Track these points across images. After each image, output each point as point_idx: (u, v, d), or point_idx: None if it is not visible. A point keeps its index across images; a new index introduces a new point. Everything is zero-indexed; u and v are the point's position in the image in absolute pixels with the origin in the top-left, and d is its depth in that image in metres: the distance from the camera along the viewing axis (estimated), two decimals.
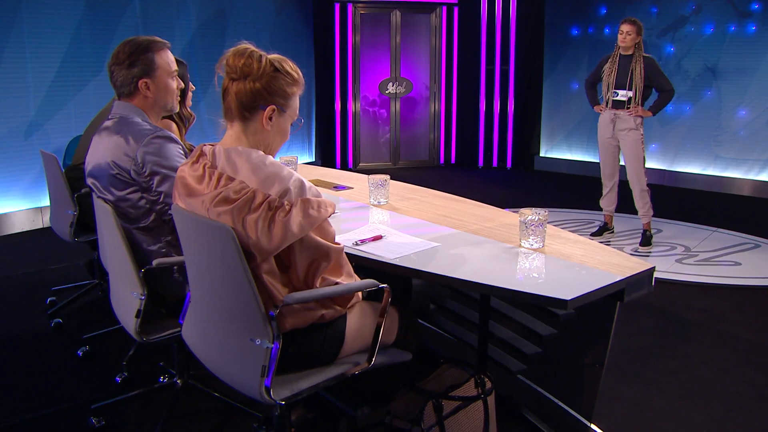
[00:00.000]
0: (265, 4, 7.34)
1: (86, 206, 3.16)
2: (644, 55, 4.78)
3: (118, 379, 2.83)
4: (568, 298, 1.76)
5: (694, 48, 6.97)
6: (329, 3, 7.91)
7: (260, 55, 1.76)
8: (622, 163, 5.07)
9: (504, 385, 2.60)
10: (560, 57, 8.26)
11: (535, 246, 2.19)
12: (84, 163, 2.41)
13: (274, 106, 1.78)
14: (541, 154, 8.61)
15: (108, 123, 2.29)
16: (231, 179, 1.70)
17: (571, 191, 7.33)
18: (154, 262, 2.11)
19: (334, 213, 1.76)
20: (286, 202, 1.65)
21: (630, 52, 4.77)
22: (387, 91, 8.38)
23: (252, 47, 1.78)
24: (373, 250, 2.14)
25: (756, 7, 6.65)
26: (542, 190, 7.41)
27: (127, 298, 2.19)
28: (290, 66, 1.84)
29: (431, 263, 2.04)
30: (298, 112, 1.87)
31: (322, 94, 8.14)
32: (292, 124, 1.86)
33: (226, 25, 6.91)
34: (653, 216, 5.07)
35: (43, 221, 5.69)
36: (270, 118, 1.78)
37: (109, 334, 3.24)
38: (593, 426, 2.38)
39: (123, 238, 2.11)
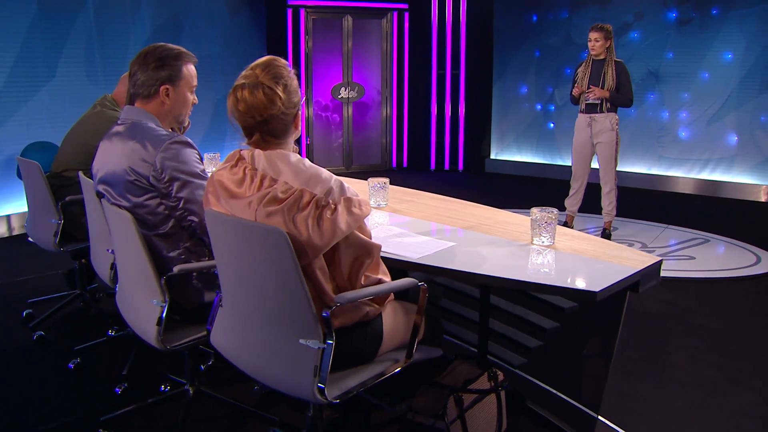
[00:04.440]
0: (218, 8, 7.27)
1: (70, 215, 3.09)
2: (616, 59, 4.98)
3: (118, 390, 2.76)
4: (597, 289, 1.85)
5: (637, 53, 7.31)
6: (282, 8, 7.89)
7: (265, 85, 1.75)
8: (593, 166, 5.25)
9: (509, 380, 2.68)
10: (509, 61, 8.50)
11: (547, 243, 2.28)
12: (91, 169, 2.36)
13: (297, 113, 1.85)
14: (492, 157, 8.83)
15: (119, 128, 2.26)
16: (274, 180, 1.72)
17: (522, 192, 7.55)
18: (176, 269, 2.08)
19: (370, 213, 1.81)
20: (331, 201, 1.70)
21: (602, 57, 4.96)
22: (339, 96, 8.42)
23: (250, 79, 1.76)
24: (394, 250, 2.18)
25: (693, 14, 7.04)
26: (494, 192, 7.60)
27: (145, 306, 2.16)
28: (285, 73, 1.82)
29: (454, 261, 2.10)
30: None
31: None
32: None
33: (181, 30, 6.80)
34: (615, 215, 5.29)
35: None
36: (299, 121, 1.86)
37: (98, 346, 3.17)
38: (600, 418, 2.48)
39: (143, 245, 2.08)
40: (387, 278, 1.86)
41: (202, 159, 2.24)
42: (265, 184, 1.73)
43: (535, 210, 2.30)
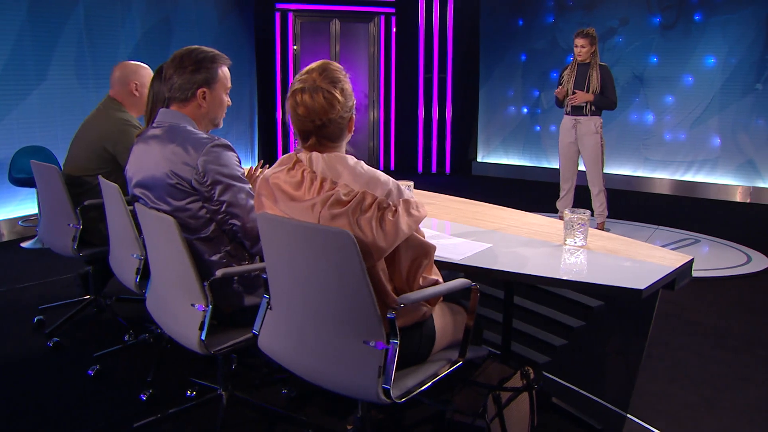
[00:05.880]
0: (208, 12, 7.24)
1: (86, 219, 3.05)
2: (600, 63, 5.09)
3: (143, 397, 2.73)
4: (643, 287, 1.90)
5: (622, 57, 7.45)
6: (270, 12, 7.88)
7: (324, 89, 1.78)
8: (581, 167, 5.34)
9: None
10: (496, 65, 8.60)
11: (580, 243, 2.33)
12: (125, 173, 2.35)
13: (352, 116, 1.87)
14: (478, 160, 8.91)
15: (155, 131, 2.24)
16: (334, 183, 1.74)
17: (510, 195, 7.63)
18: (219, 272, 2.08)
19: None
20: (391, 203, 1.71)
21: (588, 61, 5.06)
22: None
23: (308, 83, 1.78)
24: (437, 252, 2.21)
25: (677, 20, 7.21)
26: (482, 195, 7.61)
27: (185, 311, 2.15)
28: (342, 77, 1.86)
29: (497, 262, 2.14)
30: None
31: (264, 102, 8.09)
32: None
33: (171, 33, 6.75)
34: (607, 217, 5.39)
35: None
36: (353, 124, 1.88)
37: (115, 352, 3.13)
38: (629, 416, 2.53)
39: (186, 249, 2.07)
40: (440, 279, 1.89)
41: (240, 162, 2.24)
42: (325, 186, 1.74)
43: (567, 212, 2.35)
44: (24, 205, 5.63)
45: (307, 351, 1.84)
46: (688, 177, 7.38)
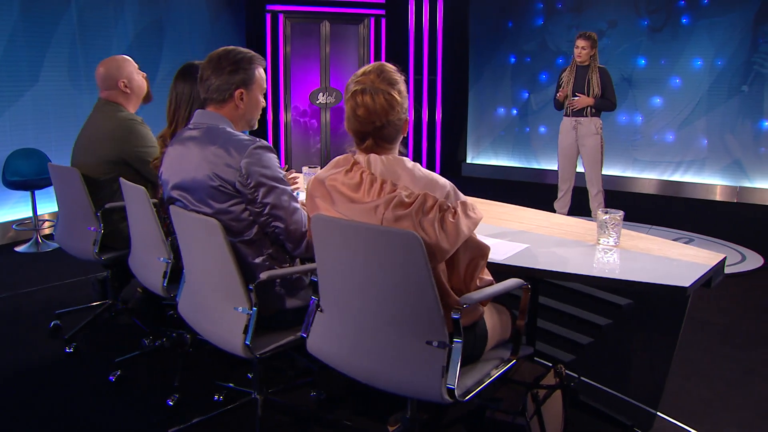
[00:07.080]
0: (199, 14, 7.18)
1: (107, 223, 3.01)
2: (599, 66, 5.16)
3: (170, 402, 2.71)
4: (687, 285, 1.94)
5: (611, 59, 7.54)
6: (260, 13, 7.84)
7: (383, 91, 1.78)
8: (579, 168, 5.41)
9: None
10: (485, 67, 8.65)
11: (612, 243, 2.37)
12: (160, 175, 2.33)
13: (407, 118, 1.87)
14: (468, 161, 8.96)
15: (193, 133, 2.22)
16: (395, 185, 1.74)
17: (499, 196, 7.63)
18: (264, 275, 2.07)
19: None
20: (450, 205, 1.73)
21: (586, 63, 5.13)
22: (317, 102, 8.39)
23: (367, 84, 1.79)
24: None
25: (665, 23, 7.33)
26: (472, 196, 7.66)
27: (228, 314, 2.13)
28: (398, 78, 1.87)
29: (539, 261, 2.16)
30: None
31: None
32: None
33: (163, 35, 6.69)
34: None
35: None
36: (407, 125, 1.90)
37: (135, 357, 3.09)
38: (660, 413, 2.58)
39: (230, 252, 2.06)
40: (493, 279, 1.91)
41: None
42: (386, 188, 1.74)
43: (600, 213, 2.39)
44: (18, 209, 5.53)
45: (364, 353, 1.84)
46: (676, 177, 7.51)
